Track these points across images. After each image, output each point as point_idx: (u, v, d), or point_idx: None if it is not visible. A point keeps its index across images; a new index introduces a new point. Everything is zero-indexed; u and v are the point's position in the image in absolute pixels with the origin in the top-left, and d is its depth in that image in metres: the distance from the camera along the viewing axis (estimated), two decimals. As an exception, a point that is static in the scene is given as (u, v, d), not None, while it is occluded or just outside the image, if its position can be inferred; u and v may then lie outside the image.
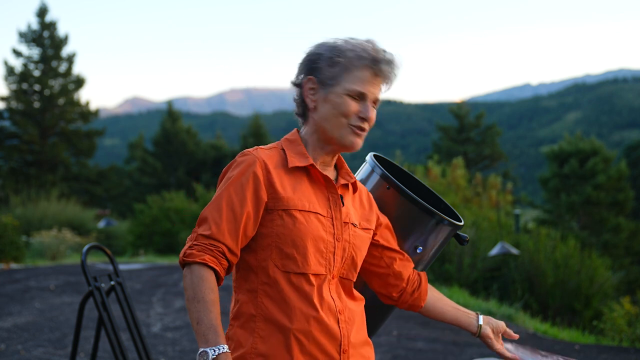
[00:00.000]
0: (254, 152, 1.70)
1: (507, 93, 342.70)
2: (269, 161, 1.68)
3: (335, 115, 1.69)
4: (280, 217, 1.64)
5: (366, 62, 1.68)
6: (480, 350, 6.14)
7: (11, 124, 31.74)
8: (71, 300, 8.28)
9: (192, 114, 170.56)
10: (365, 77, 1.69)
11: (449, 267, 10.73)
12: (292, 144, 1.75)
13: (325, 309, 1.65)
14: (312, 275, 1.64)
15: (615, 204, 28.10)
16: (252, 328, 1.63)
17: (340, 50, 1.69)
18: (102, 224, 19.76)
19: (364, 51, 1.68)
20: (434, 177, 15.83)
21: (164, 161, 36.75)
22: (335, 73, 1.68)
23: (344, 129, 1.70)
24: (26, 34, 32.29)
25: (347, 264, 1.73)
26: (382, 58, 1.70)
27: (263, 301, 1.63)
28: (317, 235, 1.65)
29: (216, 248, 1.60)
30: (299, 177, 1.70)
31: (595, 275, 10.81)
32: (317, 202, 1.69)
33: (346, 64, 1.68)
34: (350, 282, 1.76)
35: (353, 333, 1.70)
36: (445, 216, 1.93)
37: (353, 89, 1.68)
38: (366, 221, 1.82)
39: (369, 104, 1.72)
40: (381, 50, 1.71)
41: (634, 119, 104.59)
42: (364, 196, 1.88)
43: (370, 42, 1.72)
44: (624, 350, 6.76)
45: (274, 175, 1.67)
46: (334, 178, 1.79)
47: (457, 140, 37.27)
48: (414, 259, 1.96)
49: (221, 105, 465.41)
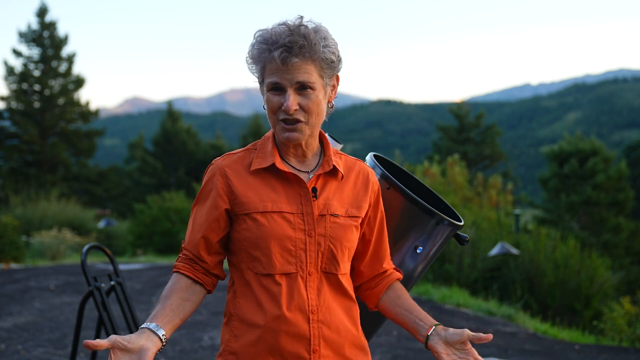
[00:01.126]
0: (218, 161, 1.74)
1: (507, 93, 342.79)
2: (231, 168, 1.72)
3: (268, 115, 1.69)
4: (244, 221, 1.68)
5: (267, 52, 1.61)
6: (481, 350, 6.14)
7: (11, 124, 31.74)
8: (71, 300, 8.28)
9: (192, 114, 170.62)
10: (274, 67, 1.62)
11: (449, 267, 10.73)
12: (267, 142, 1.76)
13: (294, 308, 1.64)
14: (278, 275, 1.65)
15: (615, 204, 28.10)
16: (230, 327, 1.70)
17: (251, 48, 1.66)
18: (102, 224, 19.76)
19: (264, 41, 1.62)
20: (432, 176, 15.83)
21: (164, 161, 36.75)
22: (258, 72, 1.68)
23: (277, 125, 1.68)
24: (26, 34, 32.29)
25: (326, 257, 1.69)
26: (282, 39, 1.59)
27: (239, 301, 1.69)
28: (281, 235, 1.65)
29: (186, 257, 1.73)
30: (266, 177, 1.71)
31: (595, 275, 10.82)
32: (286, 200, 1.68)
33: (258, 60, 1.65)
34: (336, 276, 1.71)
35: (329, 332, 1.67)
36: (445, 216, 1.93)
37: (268, 82, 1.64)
38: (356, 208, 1.76)
39: (290, 92, 1.62)
40: (283, 29, 1.60)
41: (634, 119, 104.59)
42: (360, 179, 1.81)
43: (275, 26, 1.63)
44: (624, 350, 6.76)
45: (235, 181, 1.70)
46: (315, 166, 1.75)
47: (457, 140, 37.27)
48: (415, 259, 1.96)
49: (221, 105, 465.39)
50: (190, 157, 36.72)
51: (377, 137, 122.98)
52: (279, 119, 1.65)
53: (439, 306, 8.82)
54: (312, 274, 1.68)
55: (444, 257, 10.94)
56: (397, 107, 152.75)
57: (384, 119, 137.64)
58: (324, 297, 1.68)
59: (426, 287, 9.86)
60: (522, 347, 6.57)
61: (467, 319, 8.06)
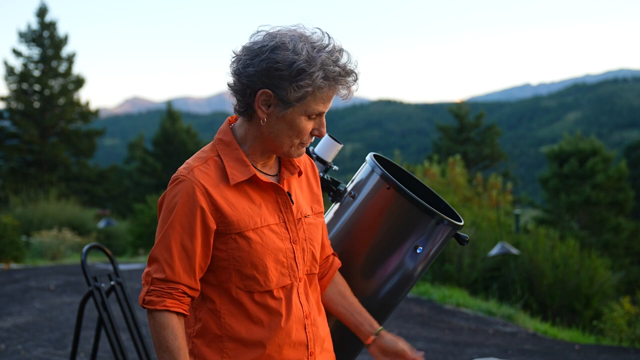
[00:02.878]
0: (189, 175, 1.58)
1: (507, 93, 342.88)
2: (208, 182, 1.58)
3: (289, 135, 1.59)
4: (234, 240, 1.58)
5: (333, 85, 1.57)
6: (481, 350, 6.14)
7: (11, 124, 31.71)
8: (71, 300, 8.28)
9: (192, 114, 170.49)
10: (327, 96, 1.59)
11: (449, 267, 10.73)
12: (229, 147, 1.63)
13: (293, 319, 1.62)
14: (276, 289, 1.61)
15: (615, 204, 28.10)
16: (219, 348, 1.60)
17: (309, 75, 1.53)
18: (102, 224, 19.74)
19: (334, 77, 1.56)
20: (432, 176, 15.82)
21: (164, 161, 36.74)
22: (298, 97, 1.55)
23: (294, 146, 1.62)
24: (26, 34, 32.27)
25: (309, 260, 1.70)
26: (349, 79, 1.59)
27: (228, 322, 1.60)
28: (275, 248, 1.60)
29: (175, 290, 1.56)
30: (243, 189, 1.62)
31: (595, 275, 10.82)
32: (267, 211, 1.63)
33: (313, 90, 1.55)
34: (315, 276, 1.74)
35: (318, 332, 1.70)
36: (445, 216, 1.93)
37: (315, 110, 1.58)
38: (317, 203, 1.78)
39: (323, 119, 1.63)
40: (350, 68, 1.59)
41: (634, 119, 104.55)
42: (310, 171, 1.81)
43: (337, 58, 1.58)
44: (624, 350, 6.76)
45: (217, 198, 1.58)
46: (277, 171, 1.71)
47: (457, 140, 37.25)
48: (415, 259, 1.96)
49: (221, 105, 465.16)
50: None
51: (377, 137, 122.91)
52: (302, 140, 1.61)
53: (438, 306, 8.82)
54: (301, 280, 1.67)
55: (444, 257, 10.94)
56: (397, 107, 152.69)
57: (384, 119, 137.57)
58: (310, 299, 1.69)
59: (426, 287, 9.86)
60: (522, 347, 6.57)
61: (467, 318, 8.06)
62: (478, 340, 6.75)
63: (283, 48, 1.54)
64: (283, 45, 1.54)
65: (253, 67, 1.56)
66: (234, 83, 1.62)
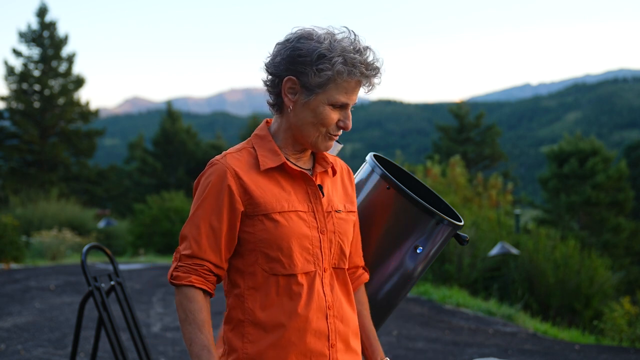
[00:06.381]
0: (222, 160, 1.67)
1: (507, 93, 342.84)
2: (239, 167, 1.66)
3: (314, 124, 1.66)
4: (261, 222, 1.64)
5: (355, 76, 1.63)
6: (481, 350, 6.15)
7: (11, 124, 31.70)
8: (71, 300, 8.28)
9: (192, 114, 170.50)
10: (350, 87, 1.65)
11: (449, 267, 10.73)
12: (263, 140, 1.72)
13: (314, 307, 1.65)
14: (300, 275, 1.65)
15: (615, 204, 28.10)
16: (241, 333, 1.66)
17: (329, 59, 1.60)
18: (102, 224, 19.74)
19: (354, 63, 1.62)
20: (434, 176, 15.82)
21: (164, 161, 36.73)
22: (320, 82, 1.62)
23: (320, 136, 1.68)
24: (26, 34, 32.27)
25: (337, 253, 1.73)
26: (372, 71, 1.65)
27: (250, 306, 1.65)
28: (300, 234, 1.65)
29: (201, 267, 1.64)
30: (274, 176, 1.69)
31: (595, 275, 10.82)
32: (297, 199, 1.68)
33: (335, 75, 1.62)
34: (344, 271, 1.76)
35: (342, 326, 1.71)
36: (445, 216, 1.93)
37: (337, 100, 1.64)
38: (350, 203, 1.82)
39: (349, 111, 1.68)
40: (371, 61, 1.65)
41: (634, 119, 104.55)
42: (345, 175, 1.87)
43: (360, 49, 1.64)
44: (624, 350, 6.76)
45: (247, 181, 1.65)
46: (311, 166, 1.78)
47: (457, 140, 37.24)
48: (415, 259, 1.95)
49: (221, 105, 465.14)
50: (190, 157, 36.70)
51: (377, 137, 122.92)
52: (329, 132, 1.68)
53: (438, 306, 8.82)
54: (327, 271, 1.71)
55: (444, 257, 10.95)
56: (397, 107, 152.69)
57: (384, 119, 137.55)
58: (336, 292, 1.72)
59: (426, 287, 9.86)
60: (522, 347, 6.57)
61: (467, 319, 8.06)
62: (478, 340, 6.75)
63: (308, 37, 1.64)
64: (309, 35, 1.65)
65: (280, 56, 1.66)
66: (266, 76, 1.71)
